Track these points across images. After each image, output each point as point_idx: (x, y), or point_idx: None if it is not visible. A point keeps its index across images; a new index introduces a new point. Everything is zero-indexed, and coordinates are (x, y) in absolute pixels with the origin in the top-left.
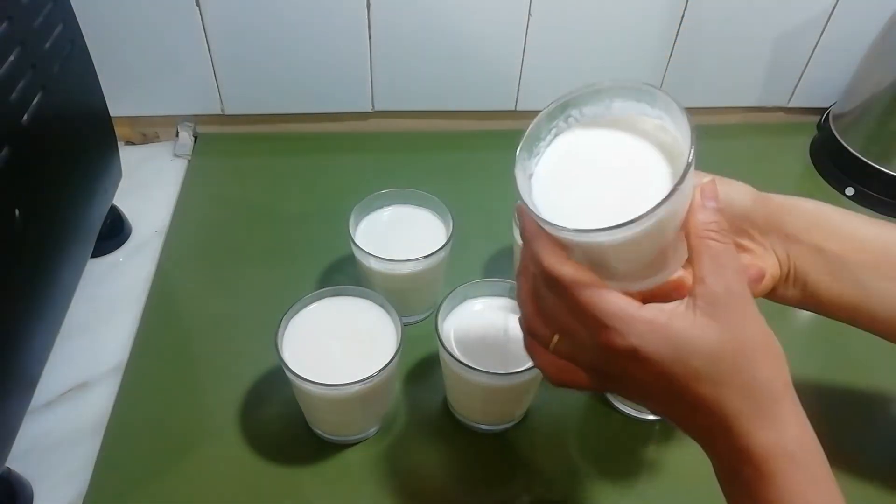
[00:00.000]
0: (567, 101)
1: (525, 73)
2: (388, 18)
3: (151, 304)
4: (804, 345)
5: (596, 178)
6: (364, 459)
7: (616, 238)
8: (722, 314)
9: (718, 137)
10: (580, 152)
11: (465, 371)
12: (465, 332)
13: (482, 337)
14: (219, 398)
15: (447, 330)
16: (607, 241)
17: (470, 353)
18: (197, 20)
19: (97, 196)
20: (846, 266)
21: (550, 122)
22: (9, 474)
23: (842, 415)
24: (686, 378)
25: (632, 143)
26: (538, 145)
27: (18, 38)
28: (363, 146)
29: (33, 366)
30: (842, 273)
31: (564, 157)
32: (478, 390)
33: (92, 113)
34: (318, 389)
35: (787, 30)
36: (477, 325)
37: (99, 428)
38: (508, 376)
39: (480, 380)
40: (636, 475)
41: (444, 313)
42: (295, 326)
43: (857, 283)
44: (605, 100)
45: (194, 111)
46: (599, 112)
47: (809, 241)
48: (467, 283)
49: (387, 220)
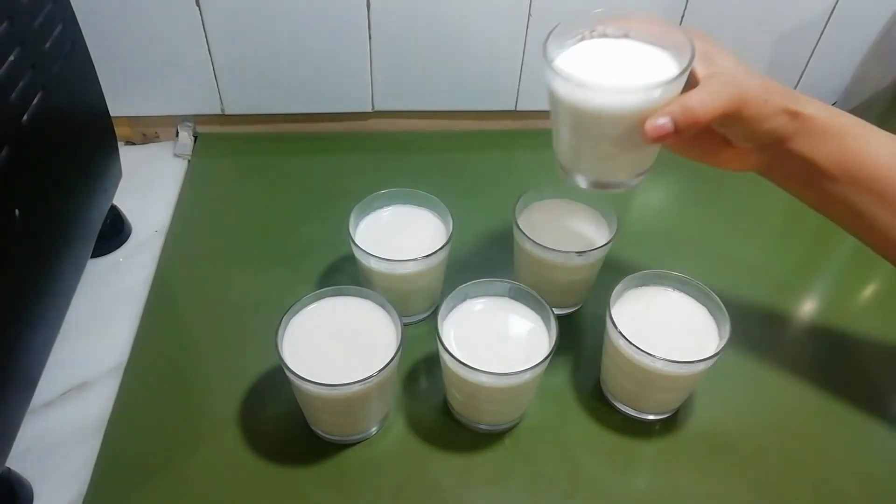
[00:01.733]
0: (597, 17)
1: (525, 73)
2: (388, 18)
3: (151, 304)
4: (806, 346)
5: (614, 67)
6: (364, 459)
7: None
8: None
9: None
10: (603, 52)
11: (465, 371)
12: (465, 333)
13: (482, 337)
14: (219, 398)
15: (447, 330)
16: (630, 101)
17: (470, 353)
18: (197, 20)
19: (97, 196)
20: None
21: (577, 28)
22: (9, 474)
23: (842, 415)
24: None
25: (647, 51)
26: (565, 43)
27: (18, 38)
28: (363, 146)
29: (33, 366)
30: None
31: (589, 53)
32: (478, 390)
33: (92, 113)
34: (318, 389)
35: (787, 30)
36: (477, 325)
37: (99, 428)
38: (508, 376)
39: (480, 380)
40: (636, 475)
41: (444, 313)
42: (295, 326)
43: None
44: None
45: (194, 111)
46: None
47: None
48: (467, 283)
49: (387, 220)
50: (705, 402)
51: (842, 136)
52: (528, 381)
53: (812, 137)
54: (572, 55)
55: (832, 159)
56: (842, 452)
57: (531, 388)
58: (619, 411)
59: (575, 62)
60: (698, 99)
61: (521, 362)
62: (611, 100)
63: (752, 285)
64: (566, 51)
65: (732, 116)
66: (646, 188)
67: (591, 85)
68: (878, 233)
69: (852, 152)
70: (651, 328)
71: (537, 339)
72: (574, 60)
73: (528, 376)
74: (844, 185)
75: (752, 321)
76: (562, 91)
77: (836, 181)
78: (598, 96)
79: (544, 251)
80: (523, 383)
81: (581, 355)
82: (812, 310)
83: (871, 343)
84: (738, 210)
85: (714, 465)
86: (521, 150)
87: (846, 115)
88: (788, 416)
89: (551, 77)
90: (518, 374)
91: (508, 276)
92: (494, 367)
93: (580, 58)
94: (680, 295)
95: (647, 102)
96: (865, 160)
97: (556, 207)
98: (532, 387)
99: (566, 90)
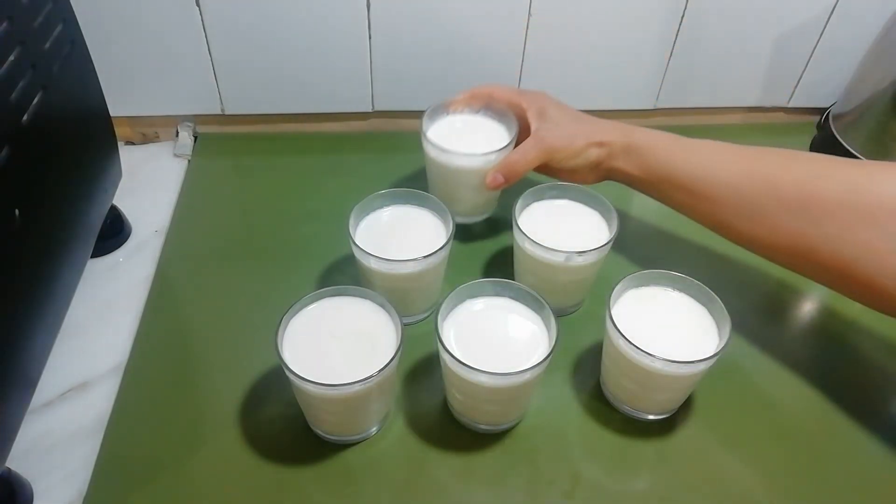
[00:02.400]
0: None
1: (525, 73)
2: (388, 18)
3: (151, 304)
4: (804, 343)
5: (467, 137)
6: (364, 459)
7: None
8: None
9: (718, 137)
10: (460, 125)
11: (465, 371)
12: (465, 333)
13: (482, 337)
14: (219, 398)
15: (447, 330)
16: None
17: (470, 353)
18: (197, 20)
19: (97, 196)
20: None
21: (445, 107)
22: (9, 474)
23: (842, 415)
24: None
25: (490, 125)
26: (436, 117)
27: (18, 38)
28: (363, 146)
29: (33, 366)
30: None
31: (451, 126)
32: (478, 390)
33: (92, 113)
34: (318, 389)
35: (787, 30)
36: (477, 325)
37: (99, 428)
38: (508, 376)
39: (480, 380)
40: (636, 475)
41: (444, 313)
42: (295, 326)
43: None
44: None
45: (194, 111)
46: None
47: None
48: (467, 283)
49: (387, 220)
50: (705, 402)
51: (651, 151)
52: (528, 380)
53: (623, 156)
54: (441, 126)
55: (643, 169)
56: (842, 452)
57: (531, 388)
58: (619, 411)
59: (442, 132)
60: (516, 158)
61: (522, 362)
62: (462, 162)
63: (752, 285)
64: (436, 123)
65: (545, 162)
66: None
67: (451, 151)
68: (702, 219)
69: (660, 162)
70: (651, 328)
71: (537, 339)
72: (442, 131)
73: (528, 376)
74: (662, 187)
75: (752, 321)
76: (432, 154)
77: (654, 185)
78: (456, 159)
79: (544, 251)
80: (523, 383)
81: (581, 355)
82: (812, 310)
83: (872, 343)
84: None
85: (714, 466)
86: None
87: (669, 136)
88: (788, 415)
89: (426, 144)
90: (518, 374)
91: (508, 276)
92: (494, 367)
93: (446, 129)
94: (680, 295)
95: (487, 163)
96: (674, 167)
97: (556, 207)
98: (532, 387)
99: (435, 153)
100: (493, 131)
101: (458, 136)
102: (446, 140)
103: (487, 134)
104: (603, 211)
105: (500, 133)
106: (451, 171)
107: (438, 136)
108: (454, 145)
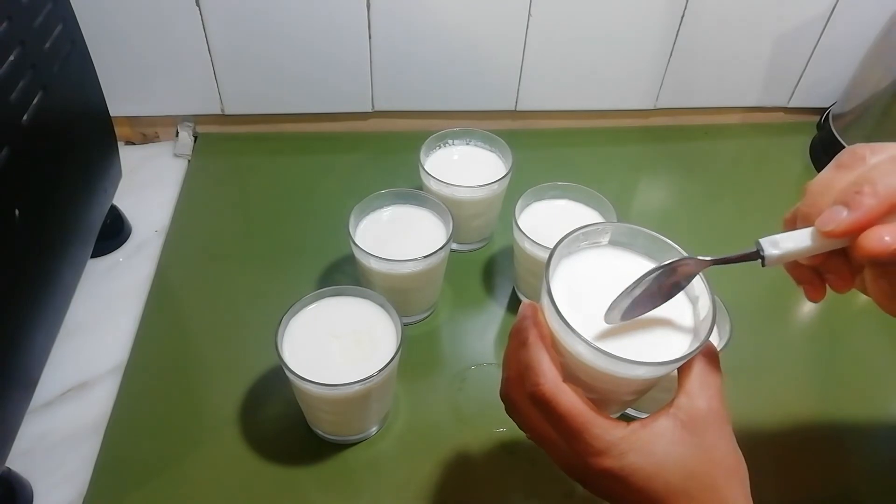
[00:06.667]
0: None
1: (525, 73)
2: (388, 18)
3: (151, 304)
4: (806, 346)
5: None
6: (364, 459)
7: (632, 373)
8: (701, 430)
9: (718, 137)
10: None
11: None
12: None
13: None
14: (219, 398)
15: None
16: (622, 372)
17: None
18: (197, 20)
19: (97, 196)
20: None
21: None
22: (9, 474)
23: (842, 415)
24: (663, 493)
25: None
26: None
27: (18, 38)
28: (363, 146)
29: (33, 366)
30: None
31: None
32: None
33: (92, 113)
34: (318, 389)
35: (787, 30)
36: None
37: (99, 428)
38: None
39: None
40: None
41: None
42: (295, 326)
43: None
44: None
45: (194, 111)
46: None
47: None
48: None
49: (387, 220)
50: None
51: None
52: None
53: None
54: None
55: None
56: (842, 452)
57: None
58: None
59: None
60: None
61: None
62: (638, 372)
63: (752, 285)
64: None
65: None
66: (647, 188)
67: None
68: None
69: None
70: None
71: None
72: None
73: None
74: None
75: (751, 321)
76: (587, 356)
77: None
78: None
79: (544, 251)
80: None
81: None
82: (812, 309)
83: (871, 343)
84: (739, 211)
85: None
86: (520, 150)
87: None
88: (788, 415)
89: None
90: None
91: (509, 276)
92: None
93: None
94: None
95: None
96: None
97: (556, 207)
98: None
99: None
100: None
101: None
102: (446, 174)
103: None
104: (603, 211)
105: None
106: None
107: (437, 169)
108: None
